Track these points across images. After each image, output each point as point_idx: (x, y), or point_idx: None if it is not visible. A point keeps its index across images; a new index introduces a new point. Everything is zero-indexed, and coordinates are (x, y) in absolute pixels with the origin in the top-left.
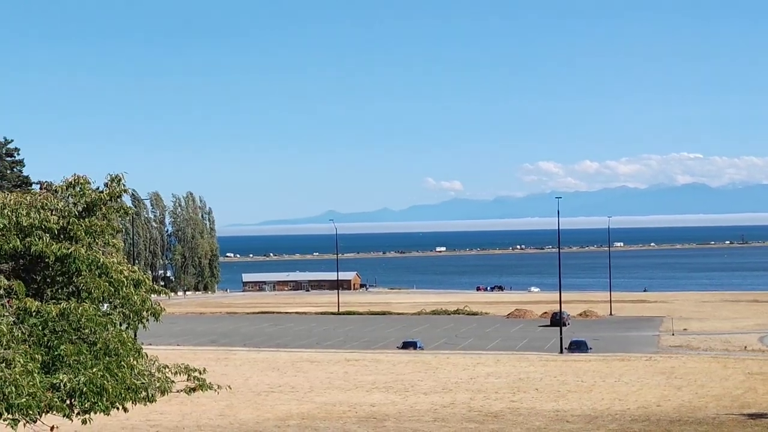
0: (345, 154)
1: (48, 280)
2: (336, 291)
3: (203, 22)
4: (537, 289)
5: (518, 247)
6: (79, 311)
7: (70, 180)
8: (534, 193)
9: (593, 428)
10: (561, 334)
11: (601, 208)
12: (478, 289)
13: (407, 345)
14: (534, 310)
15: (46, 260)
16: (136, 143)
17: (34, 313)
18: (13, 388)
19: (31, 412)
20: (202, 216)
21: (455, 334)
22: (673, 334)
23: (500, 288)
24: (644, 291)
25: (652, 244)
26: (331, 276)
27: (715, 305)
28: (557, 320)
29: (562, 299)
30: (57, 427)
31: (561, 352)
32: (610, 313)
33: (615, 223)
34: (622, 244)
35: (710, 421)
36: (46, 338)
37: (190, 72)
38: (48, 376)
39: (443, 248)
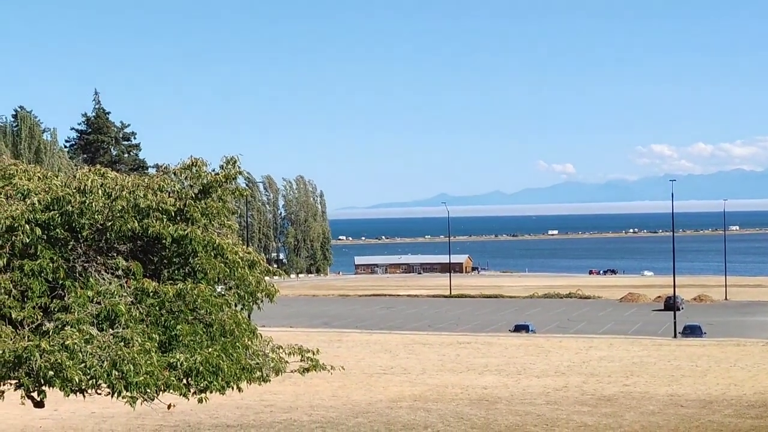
0: (457, 137)
1: (165, 261)
2: (448, 274)
3: (321, 3)
4: (650, 273)
5: (631, 230)
6: (195, 292)
7: (186, 162)
8: (647, 176)
9: (708, 413)
10: (675, 318)
11: (715, 191)
12: (590, 272)
13: (519, 328)
14: (647, 294)
15: (163, 241)
16: (249, 128)
17: (151, 294)
18: (132, 367)
19: (148, 391)
20: (313, 199)
21: (567, 317)
22: None
23: (613, 272)
24: None
25: None
26: (443, 259)
27: None
28: (671, 304)
29: (675, 283)
30: (174, 406)
31: (675, 336)
32: (725, 298)
33: (730, 207)
34: (737, 227)
35: None
36: (163, 318)
37: (302, 54)
38: (165, 355)
39: (555, 231)
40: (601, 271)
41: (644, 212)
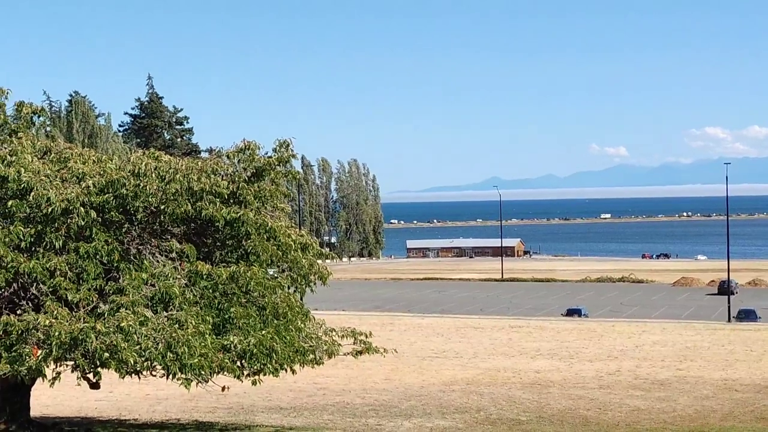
0: (510, 120)
1: (218, 243)
2: (499, 258)
3: None
4: (704, 257)
5: (684, 214)
6: (248, 275)
7: (239, 145)
8: (701, 159)
9: (763, 398)
10: (729, 302)
11: None
12: (643, 256)
13: (572, 312)
14: (701, 278)
15: (216, 224)
16: (303, 111)
17: (205, 276)
18: (186, 349)
19: (203, 372)
20: (366, 183)
21: (620, 301)
22: None
23: (666, 256)
24: None
25: None
26: (495, 243)
27: None
28: (725, 289)
29: (730, 267)
30: (228, 388)
31: (729, 320)
32: None
33: None
34: None
35: None
36: (216, 301)
37: (354, 39)
38: (219, 337)
39: (608, 215)
40: (654, 255)
41: (697, 196)
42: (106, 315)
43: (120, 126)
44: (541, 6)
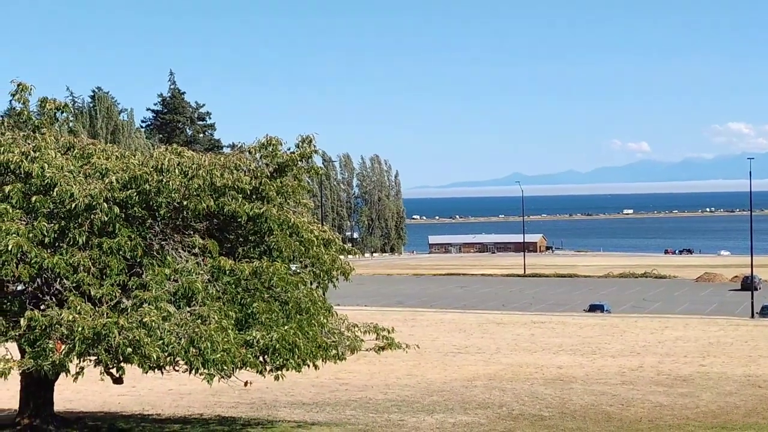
0: (532, 116)
1: (240, 239)
2: (522, 253)
3: None
4: (727, 253)
5: (707, 209)
6: (271, 270)
7: (262, 141)
8: (723, 155)
9: None
10: (752, 298)
11: None
12: (666, 252)
13: (594, 308)
14: (724, 273)
15: (239, 220)
16: (325, 107)
17: (227, 272)
18: (209, 344)
19: (225, 368)
20: (388, 178)
21: (643, 297)
22: None
23: (689, 251)
24: None
25: None
26: (517, 238)
27: None
28: (748, 284)
29: (753, 263)
30: (251, 383)
31: (752, 316)
32: None
33: None
34: None
35: None
36: (239, 296)
37: (377, 35)
38: (241, 332)
39: (630, 211)
40: (677, 251)
41: (720, 191)
42: (129, 310)
43: (142, 122)
44: (562, 5)
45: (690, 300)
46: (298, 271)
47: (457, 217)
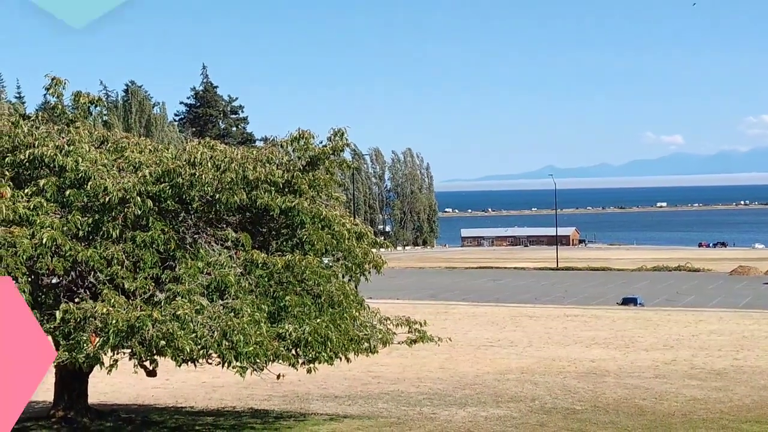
0: (565, 108)
1: (273, 232)
2: (554, 246)
3: None
4: (762, 246)
5: (742, 202)
6: (303, 263)
7: (294, 134)
8: (758, 147)
9: None
10: None
11: None
12: (700, 245)
13: (627, 301)
14: (758, 266)
15: (272, 213)
16: (358, 101)
17: (260, 265)
18: (242, 337)
19: (258, 361)
20: (420, 172)
21: (676, 290)
22: None
23: (723, 244)
24: None
25: None
26: (550, 231)
27: None
28: None
29: None
30: (283, 376)
31: None
32: None
33: None
34: None
35: None
36: (271, 289)
37: (408, 30)
38: (274, 325)
39: (664, 203)
40: (711, 244)
41: (755, 184)
42: (162, 303)
43: (175, 115)
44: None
45: (724, 293)
46: (331, 264)
47: (490, 210)
